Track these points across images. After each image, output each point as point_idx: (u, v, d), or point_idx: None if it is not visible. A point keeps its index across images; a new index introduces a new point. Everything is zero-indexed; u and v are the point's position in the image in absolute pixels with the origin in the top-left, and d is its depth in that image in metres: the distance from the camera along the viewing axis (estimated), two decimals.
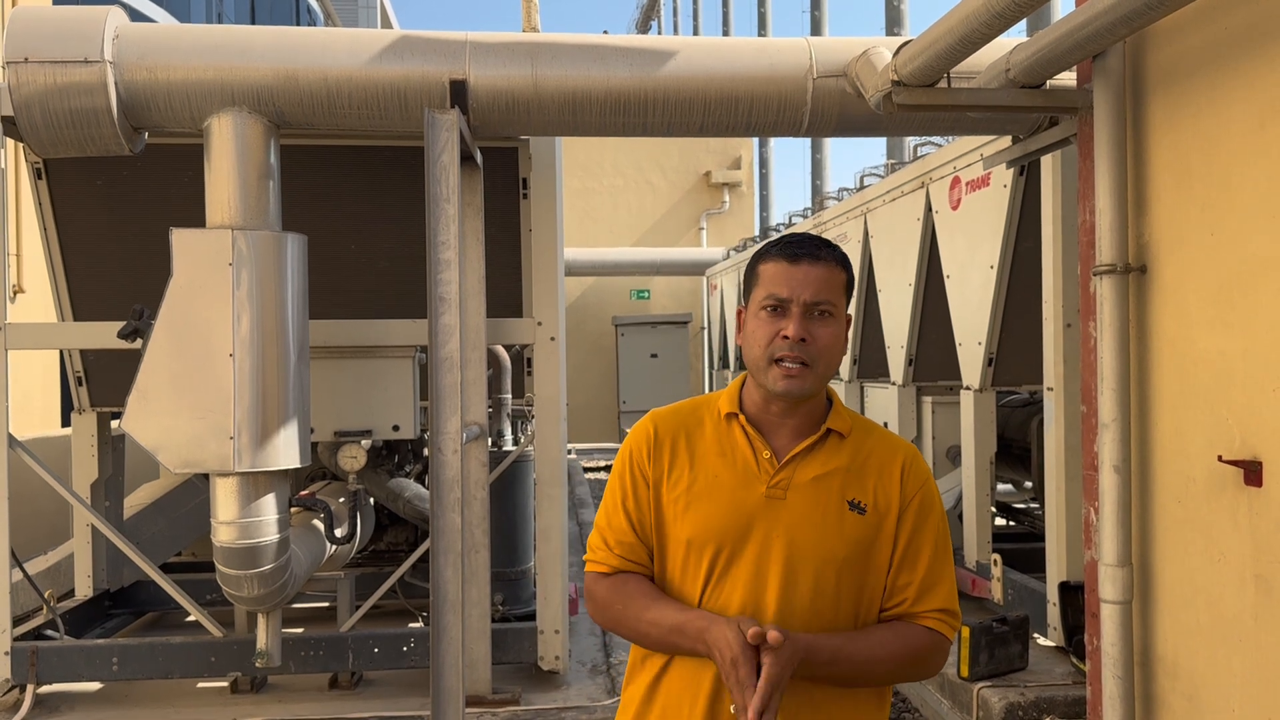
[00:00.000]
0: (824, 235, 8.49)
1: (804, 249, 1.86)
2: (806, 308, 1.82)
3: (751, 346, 1.86)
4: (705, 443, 1.91)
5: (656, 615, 1.83)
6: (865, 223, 7.50)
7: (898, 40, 4.01)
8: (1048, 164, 4.82)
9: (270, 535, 4.17)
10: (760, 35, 22.76)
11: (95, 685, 4.95)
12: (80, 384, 5.43)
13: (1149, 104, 3.37)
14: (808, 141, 22.10)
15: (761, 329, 1.84)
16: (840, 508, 1.85)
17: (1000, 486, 7.40)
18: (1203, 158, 3.10)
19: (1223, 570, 3.06)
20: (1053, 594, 4.84)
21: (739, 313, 1.94)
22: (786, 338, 1.81)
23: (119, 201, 5.08)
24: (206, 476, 4.25)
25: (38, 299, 8.96)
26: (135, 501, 6.07)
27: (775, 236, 1.97)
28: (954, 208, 5.93)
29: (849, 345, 7.84)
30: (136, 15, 10.99)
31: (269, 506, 4.17)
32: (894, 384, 7.01)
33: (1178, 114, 3.23)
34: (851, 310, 2.05)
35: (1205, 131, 3.09)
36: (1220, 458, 3.00)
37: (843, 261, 1.89)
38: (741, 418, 1.90)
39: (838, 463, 1.88)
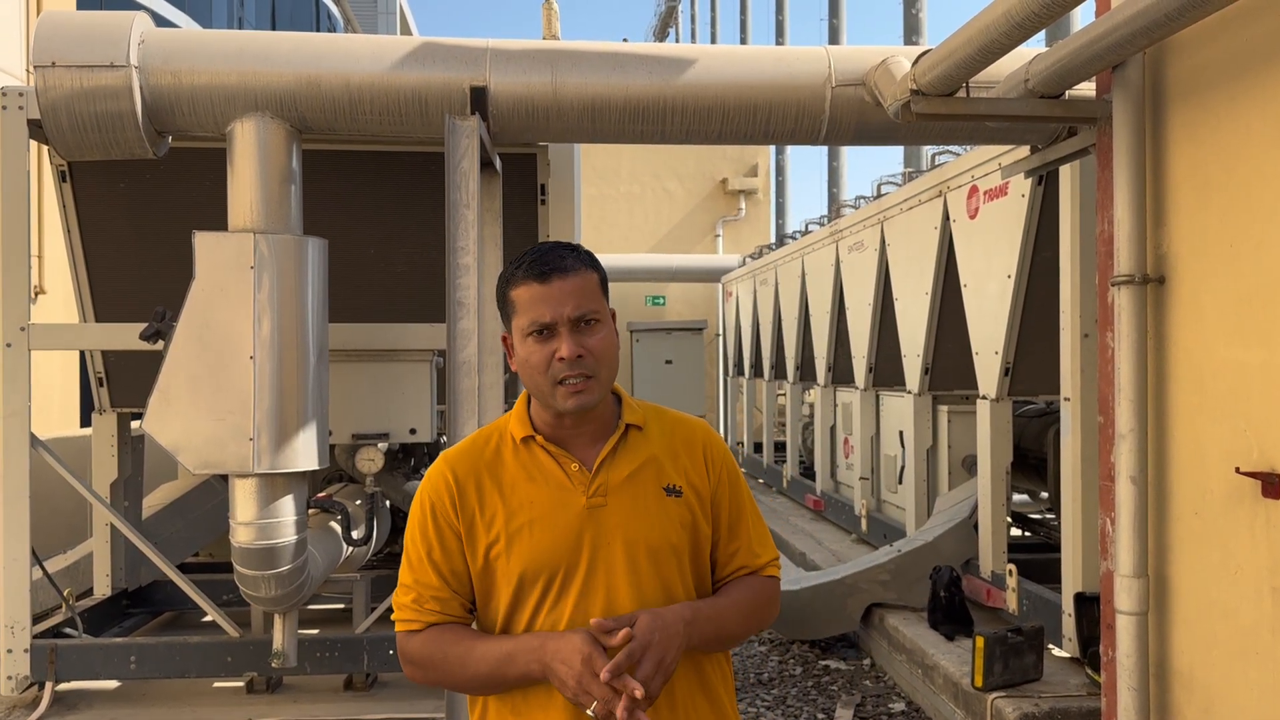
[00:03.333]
0: (841, 243, 8.53)
1: (551, 264, 1.82)
2: (572, 323, 1.80)
3: (530, 373, 1.83)
4: (510, 473, 1.86)
5: (481, 653, 1.78)
6: (882, 231, 7.50)
7: (916, 49, 4.02)
8: (1066, 174, 4.82)
9: (288, 536, 4.20)
10: (778, 44, 22.78)
11: (113, 683, 4.99)
12: (101, 384, 5.48)
13: (1169, 115, 3.37)
14: (825, 149, 22.09)
15: (535, 354, 1.81)
16: (659, 496, 1.87)
17: (1016, 497, 7.37)
18: (1223, 169, 3.10)
19: (1240, 582, 3.05)
20: (1068, 605, 4.83)
21: (504, 339, 1.90)
22: (563, 359, 1.79)
23: (142, 204, 5.13)
24: (225, 478, 4.29)
25: (58, 300, 9.05)
26: (154, 502, 6.12)
27: (519, 255, 1.90)
28: (971, 217, 5.92)
29: (869, 352, 7.91)
30: (159, 20, 11.09)
31: (287, 508, 4.20)
32: (910, 393, 7.01)
33: (1197, 125, 3.22)
34: (875, 314, 2.05)
35: (1225, 143, 3.09)
36: (1238, 469, 3.00)
37: (592, 264, 1.87)
38: (539, 438, 1.88)
39: (645, 454, 1.89)
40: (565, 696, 1.71)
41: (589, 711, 1.67)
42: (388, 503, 5.75)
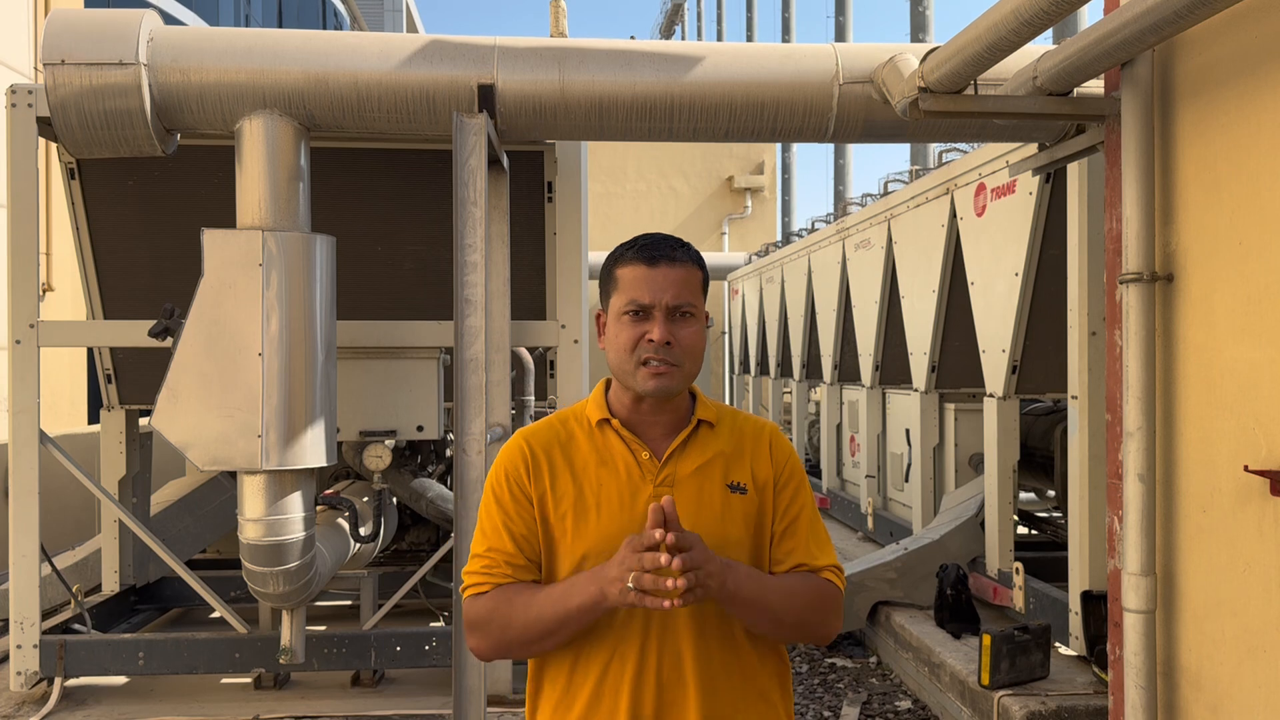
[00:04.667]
0: (847, 241, 8.52)
1: (661, 251, 1.87)
2: (669, 310, 1.84)
3: (616, 351, 1.86)
4: (582, 454, 1.90)
5: (544, 595, 1.81)
6: (889, 229, 7.50)
7: (924, 47, 4.02)
8: (1074, 171, 4.81)
9: (296, 533, 4.22)
10: (784, 41, 22.76)
11: (121, 679, 5.01)
12: (110, 381, 5.50)
13: (1178, 112, 3.37)
14: (831, 147, 22.08)
15: (625, 333, 1.85)
16: (724, 492, 1.89)
17: (1023, 495, 7.36)
18: (1232, 167, 3.09)
19: (1248, 580, 3.04)
20: (1075, 603, 4.82)
21: (598, 316, 1.93)
22: (652, 341, 1.82)
23: (150, 201, 5.15)
24: (233, 474, 4.31)
25: (66, 297, 9.08)
26: (162, 498, 6.14)
27: (629, 240, 1.95)
28: (979, 214, 5.92)
29: (875, 350, 7.90)
30: (167, 18, 11.12)
31: (295, 504, 4.21)
32: (917, 390, 7.00)
33: (1207, 122, 3.22)
34: (881, 312, 2.05)
35: (1235, 140, 3.08)
36: (1246, 467, 2.99)
37: (698, 260, 1.92)
38: (614, 422, 1.91)
39: (714, 449, 1.92)
40: (616, 598, 1.70)
41: (630, 584, 1.68)
42: (395, 500, 5.76)
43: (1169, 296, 3.39)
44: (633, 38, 6.76)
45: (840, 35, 19.39)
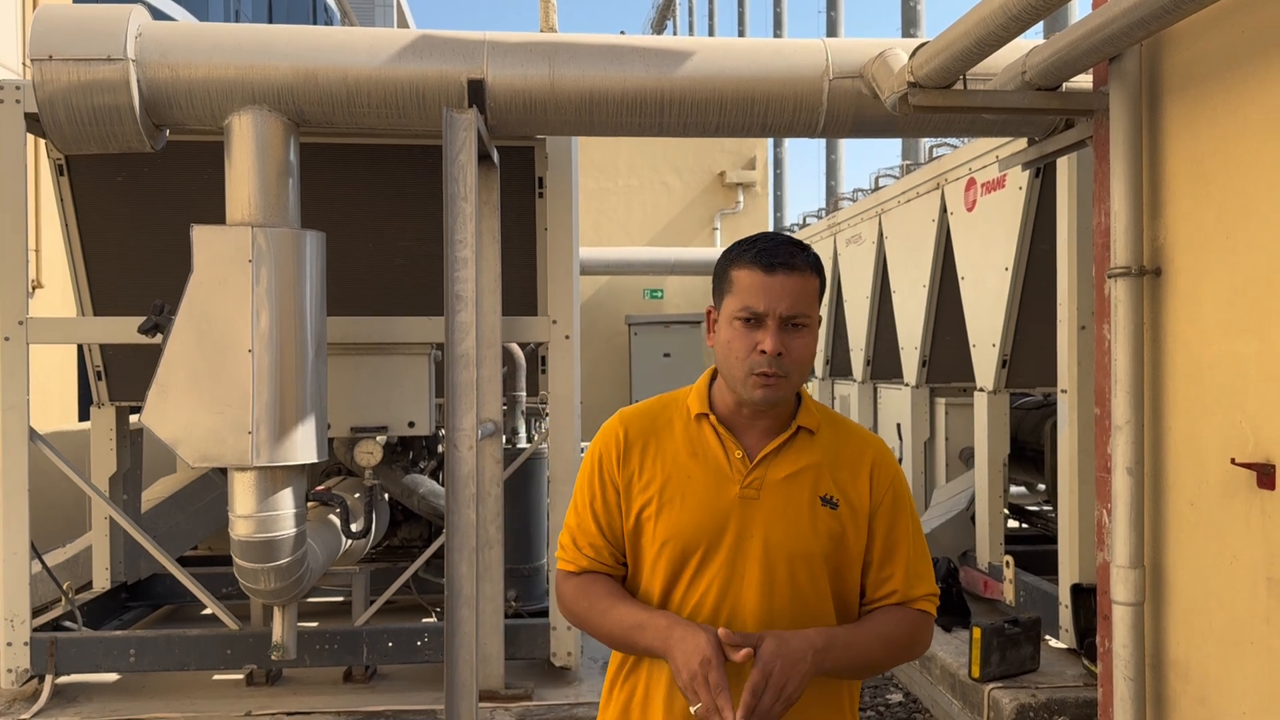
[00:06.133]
0: (838, 236, 8.52)
1: (779, 258, 1.82)
2: (782, 321, 1.81)
3: (727, 356, 1.85)
4: (676, 443, 1.90)
5: (619, 614, 1.84)
6: (880, 224, 7.51)
7: (914, 42, 4.02)
8: (1063, 166, 4.82)
9: (287, 529, 4.21)
10: (776, 35, 22.75)
11: (112, 676, 5.00)
12: (100, 378, 5.48)
13: (1165, 107, 3.38)
14: (822, 142, 22.09)
15: (738, 340, 1.82)
16: (813, 503, 1.86)
17: (1013, 488, 7.38)
18: (1219, 161, 3.11)
19: (1235, 573, 3.06)
20: (1065, 596, 4.84)
21: (708, 312, 1.93)
22: (764, 352, 1.80)
23: (140, 198, 5.13)
24: (224, 471, 4.30)
25: (56, 294, 9.04)
26: (153, 495, 6.13)
27: (746, 237, 1.91)
28: (969, 209, 5.93)
29: (866, 345, 7.92)
30: (156, 13, 11.05)
31: (286, 501, 4.20)
32: (907, 385, 7.02)
33: (1194, 117, 3.23)
34: (873, 307, 2.04)
35: (1222, 135, 3.09)
36: (1234, 460, 3.01)
37: (816, 267, 1.87)
38: (712, 418, 1.90)
39: (809, 459, 1.89)
40: (676, 682, 1.72)
41: (691, 709, 1.68)
42: (386, 496, 5.76)
43: (1157, 290, 3.41)
44: (623, 33, 6.75)
45: (832, 30, 19.38)
